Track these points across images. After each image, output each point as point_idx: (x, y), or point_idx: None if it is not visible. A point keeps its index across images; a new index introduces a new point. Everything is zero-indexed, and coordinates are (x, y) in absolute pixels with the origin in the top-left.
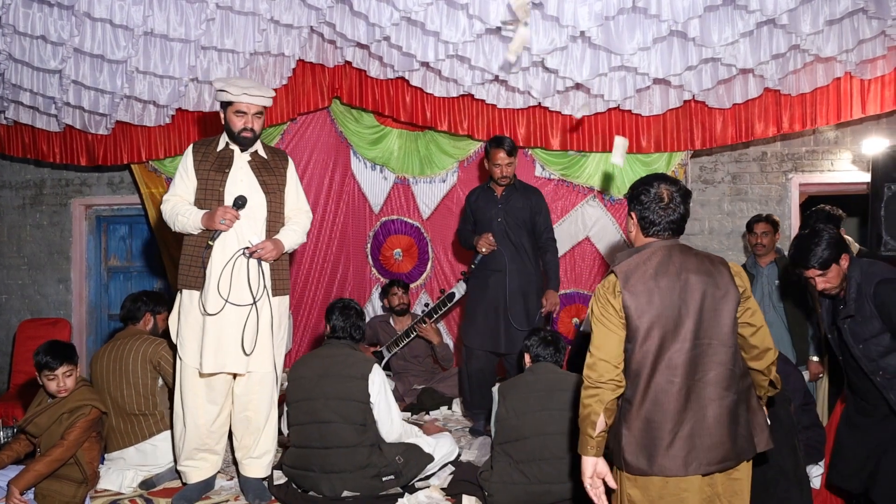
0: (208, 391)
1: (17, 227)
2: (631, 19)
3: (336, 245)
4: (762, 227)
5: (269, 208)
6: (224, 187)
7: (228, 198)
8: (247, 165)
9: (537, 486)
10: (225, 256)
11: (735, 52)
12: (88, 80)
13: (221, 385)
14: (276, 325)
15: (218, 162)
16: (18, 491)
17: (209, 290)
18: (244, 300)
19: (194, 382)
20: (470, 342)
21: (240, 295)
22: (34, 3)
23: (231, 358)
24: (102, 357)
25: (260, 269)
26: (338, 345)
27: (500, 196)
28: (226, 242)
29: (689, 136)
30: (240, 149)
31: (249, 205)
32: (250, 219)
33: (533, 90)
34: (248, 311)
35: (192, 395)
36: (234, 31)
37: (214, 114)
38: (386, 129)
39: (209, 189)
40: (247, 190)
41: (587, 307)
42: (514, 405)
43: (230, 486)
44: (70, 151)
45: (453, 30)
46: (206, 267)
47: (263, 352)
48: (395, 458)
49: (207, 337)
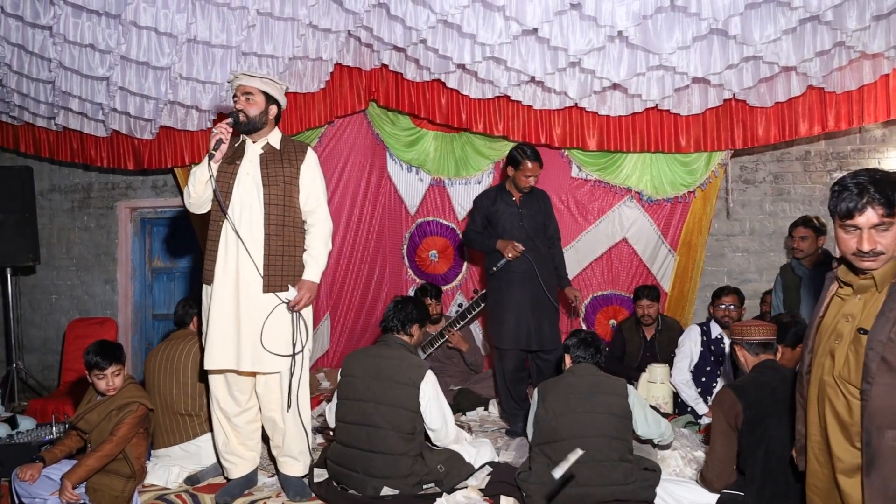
0: (228, 387)
1: (67, 229)
2: (670, 18)
3: (373, 246)
4: (801, 231)
5: (267, 201)
6: (233, 179)
7: (235, 191)
8: (257, 157)
9: (576, 489)
10: (228, 251)
11: (777, 50)
12: (134, 87)
13: (240, 382)
14: (280, 323)
15: (232, 155)
16: (71, 485)
17: (215, 281)
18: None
19: (217, 377)
20: (501, 343)
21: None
22: (83, 13)
23: (223, 356)
24: (156, 356)
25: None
26: (393, 344)
27: (519, 202)
28: (229, 234)
29: (730, 135)
30: (251, 140)
31: (250, 196)
32: (249, 212)
33: (569, 91)
34: (244, 307)
35: (214, 389)
36: (273, 37)
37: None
38: (422, 131)
39: (220, 181)
40: (251, 182)
41: (624, 308)
42: (553, 406)
43: (272, 483)
44: (116, 156)
45: (490, 32)
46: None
47: (262, 351)
48: (437, 466)
49: (210, 331)
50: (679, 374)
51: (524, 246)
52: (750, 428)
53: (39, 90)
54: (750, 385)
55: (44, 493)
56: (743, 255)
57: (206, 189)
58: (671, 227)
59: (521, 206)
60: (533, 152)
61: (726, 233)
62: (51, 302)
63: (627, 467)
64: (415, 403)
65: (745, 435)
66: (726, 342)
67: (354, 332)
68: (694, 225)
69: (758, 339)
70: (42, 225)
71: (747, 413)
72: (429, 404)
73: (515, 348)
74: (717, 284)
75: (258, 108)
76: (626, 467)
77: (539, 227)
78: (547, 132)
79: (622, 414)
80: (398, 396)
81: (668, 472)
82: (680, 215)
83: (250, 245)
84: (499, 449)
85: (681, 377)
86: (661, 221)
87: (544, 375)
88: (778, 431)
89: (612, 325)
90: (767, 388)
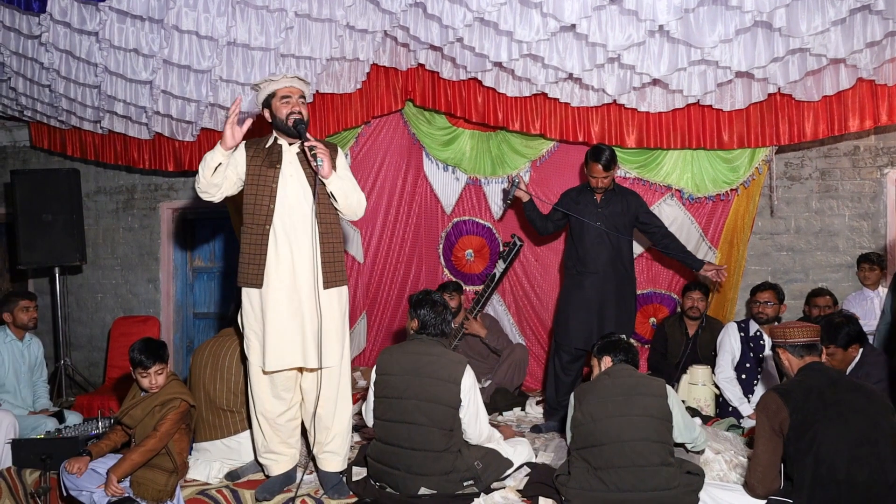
0: (272, 387)
1: (111, 230)
2: (712, 11)
3: (409, 245)
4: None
5: (317, 200)
6: (276, 183)
7: (280, 193)
8: (296, 159)
9: (617, 494)
10: (280, 254)
11: (825, 42)
12: (176, 90)
13: (285, 381)
14: (335, 317)
15: (269, 159)
16: (116, 478)
17: (270, 284)
18: (303, 294)
19: (259, 378)
20: (561, 339)
21: (297, 288)
22: (128, 18)
23: (290, 354)
24: (203, 350)
25: (313, 262)
26: (429, 341)
27: (599, 200)
28: (278, 237)
29: (774, 130)
30: (287, 143)
31: (297, 198)
32: (298, 211)
33: (607, 87)
34: (306, 305)
35: (259, 390)
36: (311, 38)
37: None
38: (458, 130)
39: (261, 185)
40: (296, 184)
41: (664, 307)
42: (590, 410)
43: (310, 480)
44: (159, 158)
45: (527, 29)
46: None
47: (327, 346)
48: (475, 462)
49: (269, 334)
50: (722, 372)
51: (597, 244)
52: (797, 434)
53: (86, 94)
54: (796, 389)
55: (90, 485)
56: (788, 253)
57: (216, 175)
58: (712, 224)
59: (601, 205)
60: (597, 153)
61: (770, 231)
62: (96, 300)
63: (670, 471)
64: (455, 399)
65: (792, 441)
66: (766, 340)
67: (391, 331)
68: (736, 223)
69: (801, 340)
70: (88, 226)
71: (794, 418)
72: (468, 399)
73: (575, 346)
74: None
75: (306, 112)
76: (669, 471)
77: (620, 227)
78: (584, 130)
79: (662, 416)
80: (438, 393)
81: (712, 477)
82: (721, 213)
83: (305, 245)
84: (537, 450)
85: (724, 374)
86: (702, 219)
87: None
88: (827, 437)
89: (652, 323)
90: (815, 392)
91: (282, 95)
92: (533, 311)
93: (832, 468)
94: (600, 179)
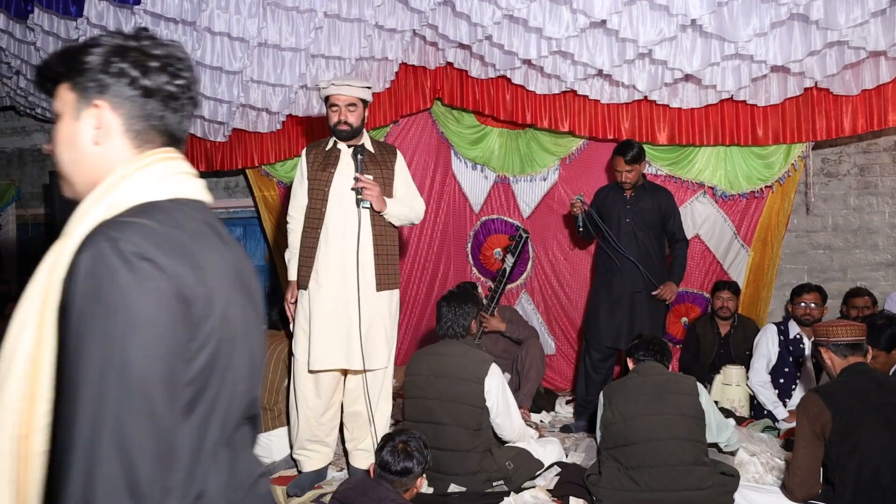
0: (316, 386)
1: None
2: (746, 4)
3: (437, 244)
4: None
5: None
6: (329, 187)
7: (333, 196)
8: (352, 162)
9: (649, 494)
10: (329, 256)
11: (864, 34)
12: (208, 91)
13: (329, 380)
14: (384, 320)
15: (325, 161)
16: None
17: (319, 284)
18: (350, 296)
19: (304, 377)
20: (591, 337)
21: (345, 290)
22: (161, 21)
23: (334, 354)
24: None
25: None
26: (452, 342)
27: (629, 196)
28: (329, 239)
29: (811, 126)
30: (346, 145)
31: (351, 201)
32: (353, 216)
33: (638, 84)
34: (353, 307)
35: (302, 388)
36: (340, 38)
37: (321, 118)
38: (486, 128)
39: (316, 188)
40: (350, 187)
41: (696, 307)
42: (620, 409)
43: (341, 477)
44: (191, 158)
45: (556, 25)
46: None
47: (373, 348)
48: (506, 463)
49: (315, 334)
50: (756, 376)
51: (626, 241)
52: (840, 438)
53: None
54: (839, 391)
55: None
56: (825, 252)
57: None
58: (745, 222)
59: (630, 202)
60: (621, 147)
61: (806, 229)
62: None
63: (703, 471)
64: (479, 399)
65: (834, 445)
66: (806, 343)
67: (419, 330)
68: (770, 220)
69: (846, 340)
70: None
71: (837, 421)
72: (495, 399)
73: (605, 344)
74: (795, 283)
75: (358, 117)
76: (702, 471)
77: (649, 224)
78: (615, 127)
79: (694, 414)
80: (462, 393)
81: (747, 479)
82: (755, 211)
83: (357, 247)
84: (567, 449)
85: (758, 379)
86: (735, 217)
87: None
88: (871, 442)
89: (684, 322)
90: (859, 394)
91: (331, 103)
92: (562, 309)
93: (877, 474)
94: (624, 174)
